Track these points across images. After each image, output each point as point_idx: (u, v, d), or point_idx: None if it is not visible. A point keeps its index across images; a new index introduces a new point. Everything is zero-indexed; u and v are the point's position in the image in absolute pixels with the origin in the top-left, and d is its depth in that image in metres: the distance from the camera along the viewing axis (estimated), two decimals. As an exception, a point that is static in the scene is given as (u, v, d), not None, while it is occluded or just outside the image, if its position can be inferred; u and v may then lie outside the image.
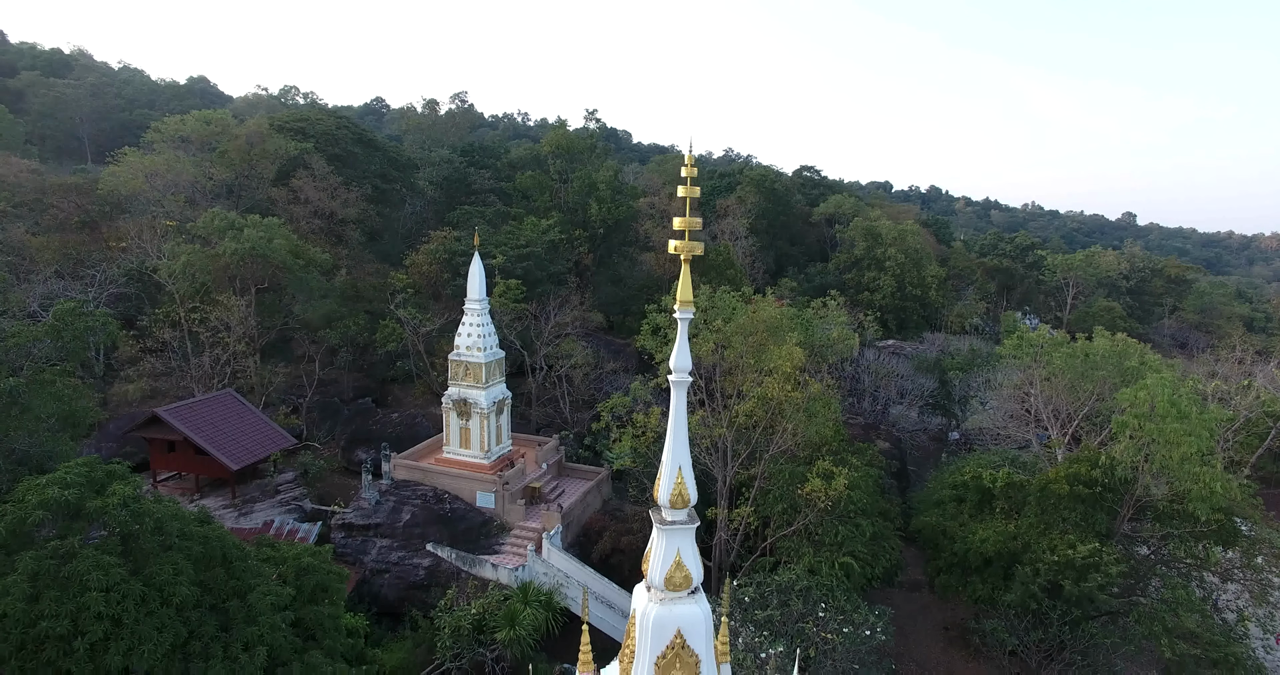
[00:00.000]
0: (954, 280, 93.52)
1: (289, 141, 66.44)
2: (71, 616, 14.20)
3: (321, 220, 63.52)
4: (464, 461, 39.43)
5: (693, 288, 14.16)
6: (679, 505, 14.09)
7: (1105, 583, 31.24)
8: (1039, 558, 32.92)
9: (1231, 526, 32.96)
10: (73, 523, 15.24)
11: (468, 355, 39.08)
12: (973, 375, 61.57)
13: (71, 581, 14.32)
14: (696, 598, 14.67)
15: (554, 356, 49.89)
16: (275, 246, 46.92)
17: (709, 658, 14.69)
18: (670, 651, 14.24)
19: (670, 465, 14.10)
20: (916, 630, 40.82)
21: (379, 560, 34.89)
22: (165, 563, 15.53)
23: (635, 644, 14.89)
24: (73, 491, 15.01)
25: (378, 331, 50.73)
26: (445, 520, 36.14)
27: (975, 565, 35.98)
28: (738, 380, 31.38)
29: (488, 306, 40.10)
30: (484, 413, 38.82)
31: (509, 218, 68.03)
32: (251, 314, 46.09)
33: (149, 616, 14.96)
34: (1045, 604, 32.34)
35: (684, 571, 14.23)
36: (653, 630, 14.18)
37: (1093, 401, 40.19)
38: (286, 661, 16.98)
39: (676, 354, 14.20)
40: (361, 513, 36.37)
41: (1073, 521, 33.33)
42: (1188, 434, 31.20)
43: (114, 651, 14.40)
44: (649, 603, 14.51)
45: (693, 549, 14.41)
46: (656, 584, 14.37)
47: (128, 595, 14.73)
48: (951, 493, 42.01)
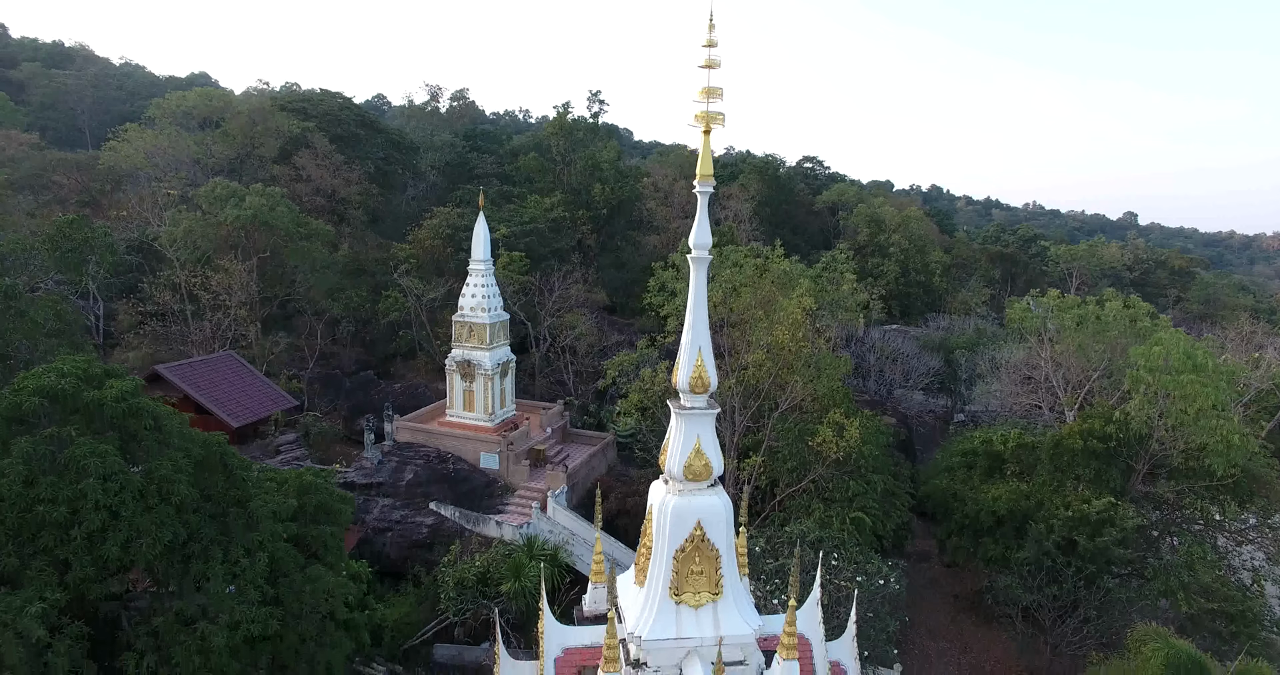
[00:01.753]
0: (957, 269, 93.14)
1: (291, 119, 66.10)
2: (69, 503, 13.69)
3: (324, 198, 63.12)
4: (467, 424, 38.92)
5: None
6: (699, 389, 13.61)
7: (1120, 537, 30.67)
8: (1052, 514, 32.37)
9: (1248, 482, 32.43)
10: (70, 416, 14.73)
11: (471, 316, 38.61)
12: (978, 354, 61.03)
13: (69, 468, 13.81)
14: (717, 490, 14.19)
15: (558, 327, 49.41)
16: (278, 213, 46.52)
17: (729, 553, 14.18)
18: (690, 544, 13.73)
19: (690, 347, 13.63)
20: (926, 600, 40.18)
21: (381, 519, 34.31)
22: (164, 459, 15.03)
23: (652, 540, 14.37)
24: (69, 381, 14.50)
25: (380, 302, 50.26)
26: (449, 480, 35.59)
27: (987, 526, 35.40)
28: (746, 332, 30.87)
29: (492, 268, 39.67)
30: (488, 374, 38.31)
31: (512, 198, 67.68)
32: (253, 280, 45.61)
33: (148, 512, 14.45)
34: (1059, 561, 31.74)
35: (704, 459, 13.74)
36: (671, 521, 13.68)
37: (1104, 366, 39.69)
38: (288, 572, 16.46)
39: (696, 230, 13.76)
40: (363, 472, 35.83)
41: (1086, 478, 32.81)
42: (1204, 386, 30.74)
43: (111, 542, 13.88)
44: (667, 494, 14.02)
45: (712, 437, 13.93)
46: (675, 474, 13.87)
47: (126, 487, 14.21)
48: (961, 460, 41.46)
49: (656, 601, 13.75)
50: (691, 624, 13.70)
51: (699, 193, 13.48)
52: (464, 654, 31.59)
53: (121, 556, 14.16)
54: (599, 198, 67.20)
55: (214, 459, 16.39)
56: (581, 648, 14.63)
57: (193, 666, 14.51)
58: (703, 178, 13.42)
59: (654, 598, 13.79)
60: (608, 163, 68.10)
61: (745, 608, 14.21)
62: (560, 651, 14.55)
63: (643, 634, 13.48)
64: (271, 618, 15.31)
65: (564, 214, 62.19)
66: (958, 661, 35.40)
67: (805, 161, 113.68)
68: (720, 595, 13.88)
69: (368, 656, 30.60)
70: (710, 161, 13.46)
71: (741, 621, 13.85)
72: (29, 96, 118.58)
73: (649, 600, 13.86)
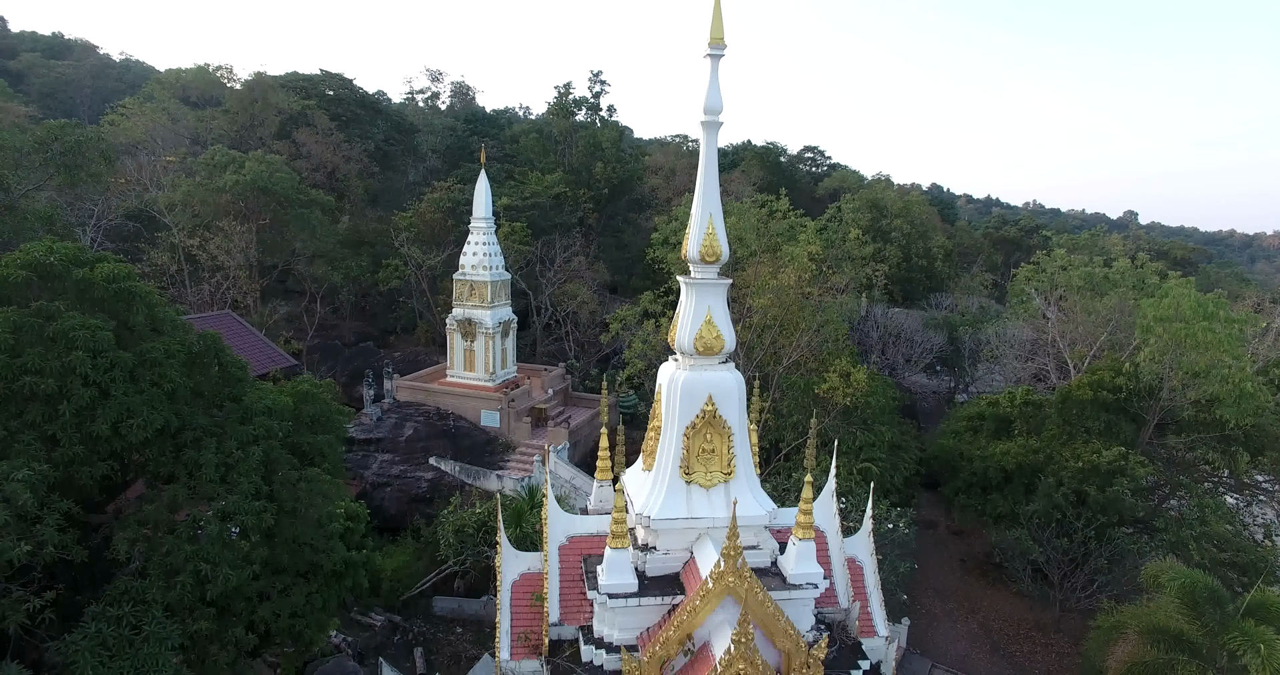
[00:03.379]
0: (960, 257, 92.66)
1: (291, 97, 65.77)
2: (57, 376, 13.18)
3: (323, 175, 62.72)
4: (468, 384, 38.41)
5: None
6: (710, 258, 13.18)
7: (1132, 488, 30.18)
8: (1062, 467, 31.87)
9: (1260, 436, 31.92)
10: (58, 295, 14.23)
11: (473, 274, 38.17)
12: (982, 331, 60.56)
13: (57, 340, 13.30)
14: (729, 366, 13.75)
15: (559, 297, 48.94)
16: (278, 179, 46.10)
17: (742, 433, 13.71)
18: (701, 420, 13.27)
19: (700, 215, 13.20)
20: (933, 564, 39.61)
21: (380, 473, 33.80)
22: (158, 343, 14.53)
23: (660, 421, 13.90)
24: (58, 258, 14.02)
25: (380, 271, 49.81)
26: (449, 436, 35.08)
27: (995, 482, 34.89)
28: (749, 276, 30.38)
29: (493, 226, 39.24)
30: (489, 332, 37.83)
31: (513, 175, 67.29)
32: (253, 245, 45.14)
33: (139, 394, 13.97)
34: (1069, 514, 31.21)
35: (715, 331, 13.29)
36: (682, 397, 13.22)
37: (1111, 326, 39.21)
38: (283, 471, 15.94)
39: (708, 94, 13.33)
40: (362, 428, 35.32)
41: (1096, 431, 32.30)
42: (1215, 334, 30.27)
43: (102, 419, 13.38)
44: (677, 370, 13.58)
45: (724, 310, 13.49)
46: (685, 348, 13.42)
47: (117, 364, 13.71)
48: (967, 424, 40.98)
49: (666, 481, 13.28)
50: (703, 504, 13.23)
51: (710, 56, 13.06)
52: (464, 606, 31.05)
53: (111, 436, 13.66)
54: (600, 176, 66.80)
55: (208, 353, 15.89)
56: (586, 536, 14.14)
57: (183, 555, 14.01)
58: (714, 41, 13.01)
59: (663, 477, 13.33)
60: (609, 141, 67.73)
61: (758, 491, 13.74)
62: (564, 539, 14.06)
63: (652, 514, 13.01)
64: (265, 511, 14.79)
65: (565, 190, 61.75)
66: (965, 620, 34.84)
67: (807, 151, 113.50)
68: (732, 476, 13.42)
69: (366, 606, 30.08)
70: (721, 24, 13.05)
71: (755, 503, 13.38)
72: (28, 86, 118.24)
73: (657, 481, 13.39)
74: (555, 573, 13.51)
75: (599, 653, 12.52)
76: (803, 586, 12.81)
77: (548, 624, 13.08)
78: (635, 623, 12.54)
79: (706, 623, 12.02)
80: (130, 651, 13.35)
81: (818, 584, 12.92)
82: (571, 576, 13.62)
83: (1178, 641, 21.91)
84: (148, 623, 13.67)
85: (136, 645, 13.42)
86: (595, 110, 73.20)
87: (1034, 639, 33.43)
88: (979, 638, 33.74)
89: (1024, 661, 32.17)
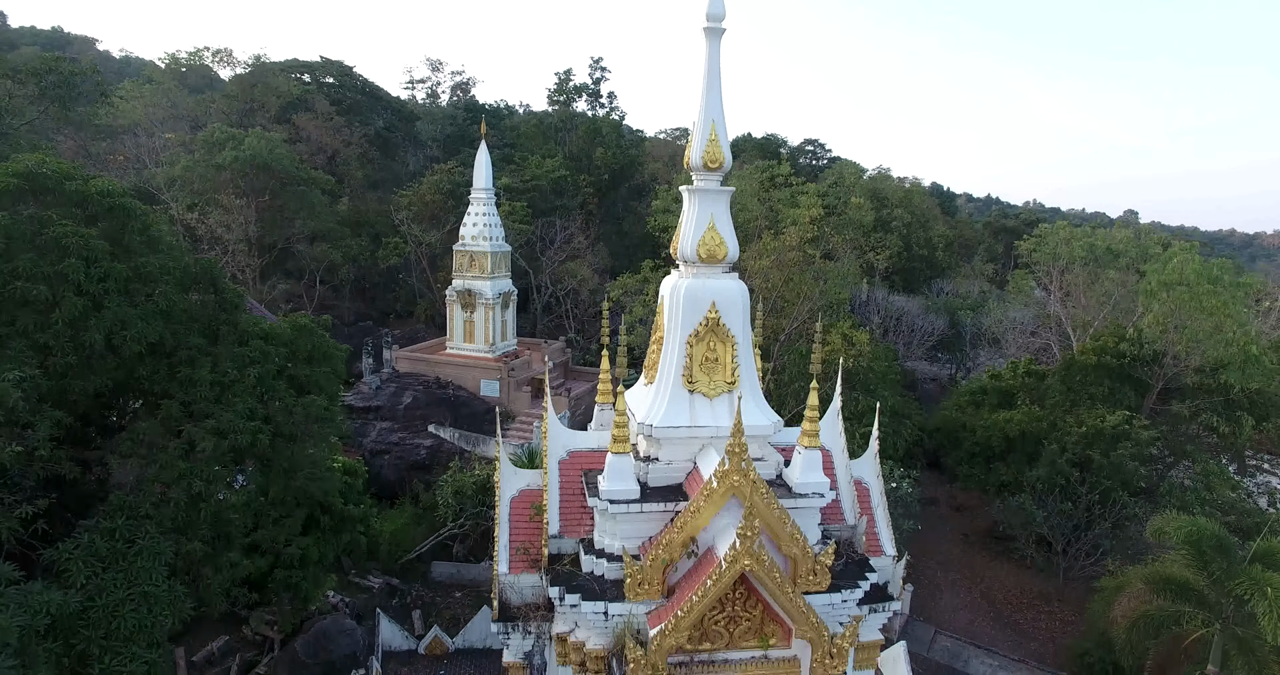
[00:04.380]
0: (960, 248, 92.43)
1: (291, 81, 65.65)
2: (48, 282, 12.96)
3: (324, 158, 62.53)
4: (468, 355, 38.17)
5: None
6: (713, 165, 12.97)
7: (1136, 452, 29.94)
8: (1066, 433, 31.64)
9: (1264, 402, 31.70)
10: (51, 207, 13.99)
11: (473, 245, 37.98)
12: (983, 315, 60.39)
13: (49, 247, 13.08)
14: (733, 276, 13.54)
15: (560, 274, 48.74)
16: (277, 155, 45.90)
17: (746, 343, 13.51)
18: (704, 328, 13.06)
19: (702, 122, 12.99)
20: (936, 538, 39.32)
21: (379, 441, 33.55)
22: (153, 259, 14.31)
23: (663, 332, 13.68)
24: (51, 169, 13.79)
25: (380, 249, 49.61)
26: (448, 404, 34.84)
27: (998, 451, 34.67)
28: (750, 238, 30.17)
29: (494, 197, 39.05)
30: (489, 303, 37.62)
31: (513, 160, 67.15)
32: (253, 221, 44.93)
33: (134, 308, 13.75)
34: (1073, 479, 30.98)
35: (718, 238, 13.08)
36: (685, 304, 13.01)
37: (1113, 301, 39.02)
38: (279, 396, 15.72)
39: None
40: (361, 396, 35.08)
41: (1100, 397, 32.08)
42: (1219, 297, 30.09)
43: (94, 329, 13.15)
44: (679, 279, 13.36)
45: (727, 219, 13.28)
46: (688, 256, 13.22)
47: (111, 275, 13.48)
48: (969, 398, 40.78)
49: (668, 390, 13.06)
50: (706, 413, 13.01)
51: (713, -41, 12.85)
52: (463, 572, 30.78)
53: (104, 349, 13.43)
54: (600, 161, 66.66)
55: (204, 277, 15.68)
56: (587, 451, 13.91)
57: (177, 472, 13.78)
58: (717, -57, 12.81)
59: (665, 387, 13.11)
60: (609, 127, 67.63)
61: (763, 403, 13.52)
62: (565, 454, 13.82)
63: (654, 421, 12.78)
64: (261, 433, 14.54)
65: (565, 174, 61.59)
66: (969, 590, 34.57)
67: (807, 144, 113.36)
68: (736, 385, 13.19)
69: (363, 569, 29.81)
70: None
71: (760, 414, 13.16)
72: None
73: (660, 390, 13.17)
74: (555, 486, 13.27)
75: (600, 562, 12.28)
76: (809, 496, 12.57)
77: (547, 536, 12.84)
78: (637, 531, 12.30)
79: (711, 526, 11.79)
80: (123, 564, 13.13)
81: (824, 494, 12.69)
82: (572, 490, 13.38)
83: (1183, 591, 21.68)
84: (140, 537, 13.44)
85: (129, 558, 13.19)
86: (595, 97, 73.16)
87: (1037, 607, 33.16)
88: (982, 607, 33.48)
89: (1028, 628, 31.90)
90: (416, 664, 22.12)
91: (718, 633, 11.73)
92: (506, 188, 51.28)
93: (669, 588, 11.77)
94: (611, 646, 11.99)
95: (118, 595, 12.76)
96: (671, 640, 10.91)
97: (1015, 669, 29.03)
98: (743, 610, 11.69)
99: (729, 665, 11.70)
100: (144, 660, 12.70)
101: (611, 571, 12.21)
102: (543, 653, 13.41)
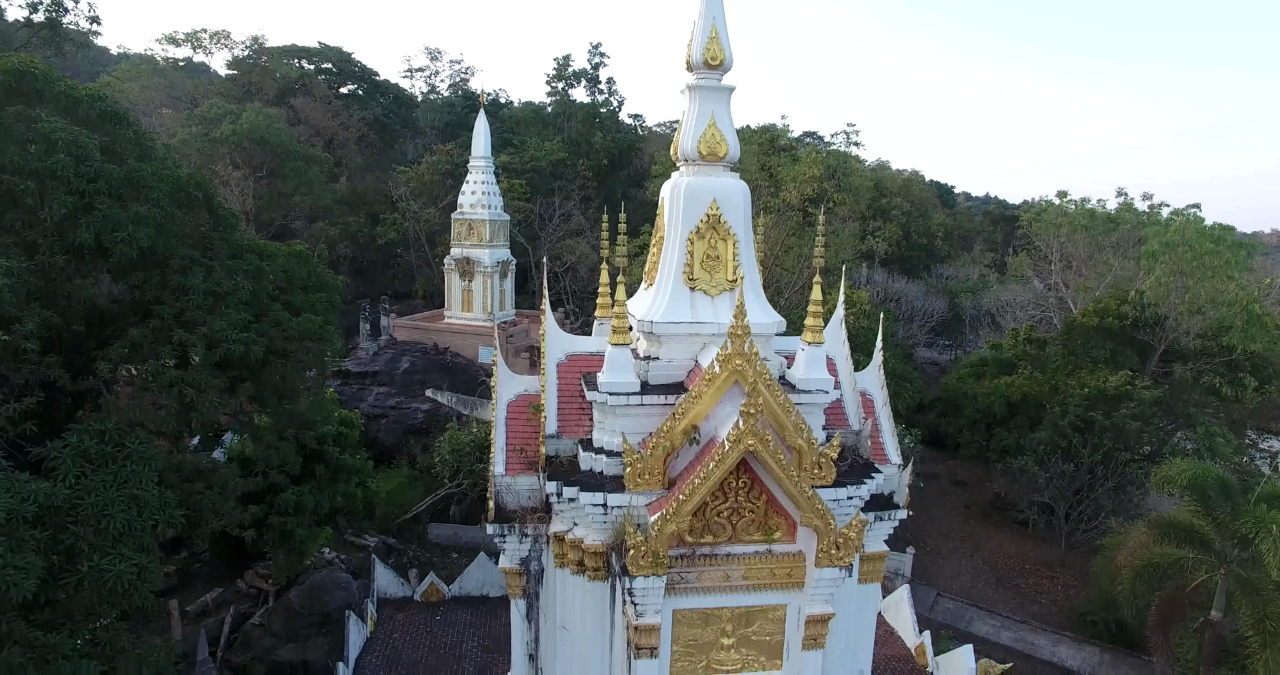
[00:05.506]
0: (960, 238, 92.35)
1: (289, 66, 65.56)
2: (37, 179, 12.73)
3: (322, 142, 62.41)
4: (466, 324, 37.95)
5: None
6: (713, 62, 12.74)
7: (1138, 411, 29.74)
8: (1068, 396, 31.44)
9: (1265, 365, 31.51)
10: (38, 107, 13.76)
11: (471, 213, 37.81)
12: (982, 297, 60.33)
13: (36, 140, 12.83)
14: (734, 175, 13.32)
15: (558, 250, 48.56)
16: (275, 130, 45.76)
17: (748, 243, 13.29)
18: (705, 224, 12.84)
19: (703, 19, 12.77)
20: (937, 509, 39.14)
21: (376, 405, 33.28)
22: (146, 166, 14.09)
23: (663, 234, 13.47)
24: (38, 68, 13.55)
25: (379, 226, 49.43)
26: (446, 369, 34.63)
27: (1000, 416, 34.48)
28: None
29: (492, 165, 38.94)
30: (487, 272, 37.43)
31: (511, 142, 67.08)
32: (250, 195, 44.74)
33: (124, 211, 13.51)
34: (1075, 441, 30.76)
35: (719, 136, 12.86)
36: (685, 200, 12.78)
37: (1114, 270, 38.88)
38: (274, 313, 15.48)
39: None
40: (358, 361, 34.86)
41: (1102, 359, 31.90)
42: (1220, 256, 29.96)
43: (85, 228, 12.92)
44: (679, 177, 13.15)
45: (728, 117, 13.08)
46: (689, 154, 13.00)
47: (101, 176, 13.26)
48: (970, 370, 40.64)
49: (669, 288, 12.83)
50: (708, 310, 12.78)
51: None
52: (460, 534, 30.53)
53: (95, 253, 13.20)
54: (599, 146, 66.58)
55: (198, 192, 15.45)
56: (586, 355, 13.66)
57: (168, 379, 13.53)
58: None
59: (666, 284, 12.88)
60: (607, 112, 67.57)
61: (765, 304, 13.29)
62: (563, 357, 13.58)
63: (655, 318, 12.55)
64: (254, 345, 14.30)
65: (564, 157, 61.49)
66: (971, 557, 34.35)
67: (806, 136, 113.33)
68: (738, 284, 12.94)
69: (360, 528, 29.53)
70: None
71: (762, 312, 12.91)
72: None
73: (660, 289, 12.94)
74: (553, 387, 13.02)
75: (599, 458, 12.02)
76: (813, 393, 12.33)
77: (545, 435, 12.59)
78: (637, 426, 12.03)
79: (713, 415, 11.54)
80: (113, 468, 12.87)
81: (828, 391, 12.45)
82: (570, 393, 13.13)
83: (1188, 535, 21.47)
84: (131, 442, 13.20)
85: (119, 461, 12.93)
86: (594, 83, 73.06)
87: (1039, 573, 32.95)
88: (984, 572, 33.25)
89: (1030, 592, 31.66)
90: (412, 610, 21.82)
91: (720, 525, 11.46)
92: (505, 166, 51.16)
93: (670, 480, 11.52)
94: (611, 541, 11.75)
95: (107, 496, 12.51)
96: (673, 525, 10.65)
97: (1018, 629, 28.79)
98: (746, 501, 11.44)
99: (732, 559, 11.43)
100: (134, 562, 12.44)
101: (611, 467, 11.96)
102: (539, 558, 13.15)
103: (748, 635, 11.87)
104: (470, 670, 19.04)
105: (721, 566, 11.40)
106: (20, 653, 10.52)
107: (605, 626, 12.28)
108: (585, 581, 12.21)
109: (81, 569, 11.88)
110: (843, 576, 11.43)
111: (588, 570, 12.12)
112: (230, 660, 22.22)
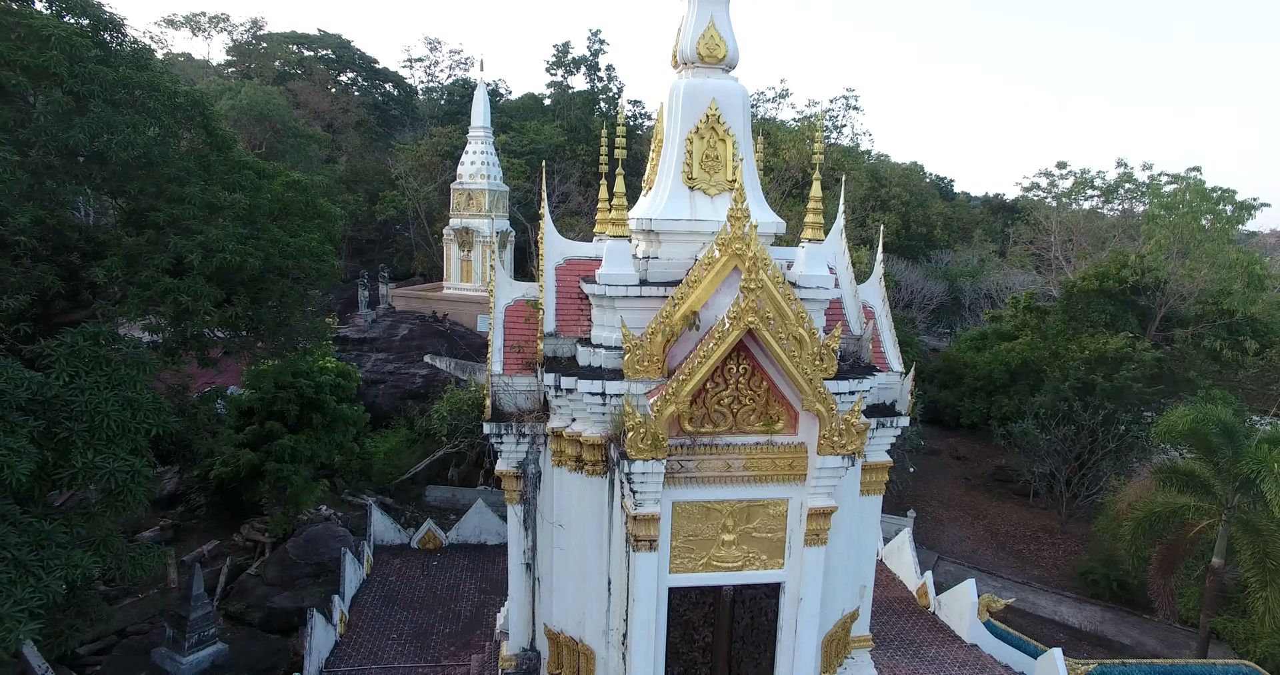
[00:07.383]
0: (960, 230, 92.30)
1: (289, 49, 65.62)
2: (28, 75, 12.59)
3: (321, 126, 62.42)
4: (465, 294, 37.84)
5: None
6: (714, -39, 12.69)
7: (1139, 373, 29.62)
8: (1069, 360, 31.34)
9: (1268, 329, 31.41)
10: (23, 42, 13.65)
11: (470, 183, 37.73)
12: (982, 280, 60.30)
13: (29, 39, 12.69)
14: (733, 77, 13.25)
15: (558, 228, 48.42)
16: (274, 105, 45.72)
17: (747, 145, 13.23)
18: (704, 125, 12.79)
19: (705, -82, 12.74)
20: (937, 482, 38.99)
21: (373, 371, 33.13)
22: (142, 74, 13.98)
23: (662, 137, 13.39)
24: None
25: (378, 203, 49.35)
26: (444, 336, 34.49)
27: (1000, 383, 34.37)
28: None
29: (491, 136, 38.89)
30: (486, 241, 37.35)
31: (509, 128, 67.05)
32: (246, 170, 44.66)
33: (120, 116, 13.41)
34: (1076, 405, 30.64)
35: (717, 38, 12.82)
36: (684, 101, 12.72)
37: (1115, 238, 38.83)
38: (269, 229, 15.35)
39: None
40: (356, 328, 34.74)
41: (1102, 323, 31.79)
42: (1222, 218, 29.90)
43: (79, 128, 12.81)
44: (678, 80, 13.07)
45: (727, 19, 13.03)
46: (687, 55, 12.94)
47: (96, 78, 13.14)
48: (970, 343, 40.54)
49: (669, 187, 12.77)
50: (707, 208, 12.71)
51: None
52: (458, 496, 30.34)
53: (90, 158, 13.09)
54: (599, 131, 66.49)
55: (195, 112, 15.35)
56: (584, 259, 13.58)
57: (163, 287, 13.41)
58: None
59: (665, 184, 12.82)
60: (606, 98, 67.58)
61: (764, 205, 13.22)
62: (562, 260, 13.49)
63: (654, 215, 12.48)
64: (252, 256, 14.18)
65: (564, 141, 61.45)
66: (972, 525, 34.18)
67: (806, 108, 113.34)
68: (738, 184, 12.85)
69: (356, 487, 29.35)
70: None
71: (762, 212, 12.83)
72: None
73: (660, 188, 12.89)
74: (552, 289, 12.92)
75: (597, 352, 11.93)
76: (813, 289, 12.25)
77: (543, 334, 12.49)
78: (636, 320, 11.92)
79: (713, 304, 11.45)
80: (107, 369, 12.73)
81: (828, 287, 12.36)
82: (569, 294, 13.03)
83: (1190, 481, 21.32)
84: (124, 346, 13.07)
85: (114, 364, 12.80)
86: (594, 69, 73.05)
87: (1040, 539, 32.78)
88: (985, 538, 33.09)
89: (1031, 557, 31.49)
90: (408, 556, 21.65)
91: (721, 414, 11.33)
92: (504, 146, 51.09)
93: (670, 369, 11.41)
94: (610, 432, 11.63)
95: (100, 395, 12.37)
96: (672, 407, 10.53)
97: (1019, 590, 28.61)
98: (747, 388, 11.31)
99: (732, 449, 11.30)
100: (127, 463, 12.29)
101: (610, 360, 11.87)
102: (537, 461, 13.02)
103: (749, 531, 11.73)
104: (468, 608, 18.88)
105: (722, 456, 11.27)
106: (15, 533, 10.36)
107: (604, 525, 12.15)
108: (583, 478, 12.08)
109: (75, 464, 11.72)
110: (845, 466, 11.30)
111: (586, 465, 11.99)
112: (225, 608, 22.04)
